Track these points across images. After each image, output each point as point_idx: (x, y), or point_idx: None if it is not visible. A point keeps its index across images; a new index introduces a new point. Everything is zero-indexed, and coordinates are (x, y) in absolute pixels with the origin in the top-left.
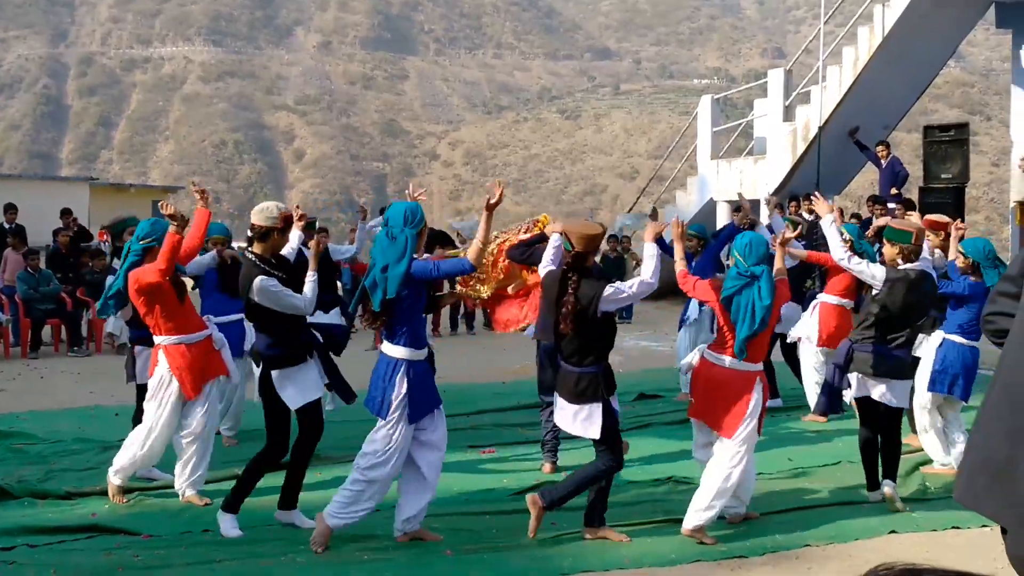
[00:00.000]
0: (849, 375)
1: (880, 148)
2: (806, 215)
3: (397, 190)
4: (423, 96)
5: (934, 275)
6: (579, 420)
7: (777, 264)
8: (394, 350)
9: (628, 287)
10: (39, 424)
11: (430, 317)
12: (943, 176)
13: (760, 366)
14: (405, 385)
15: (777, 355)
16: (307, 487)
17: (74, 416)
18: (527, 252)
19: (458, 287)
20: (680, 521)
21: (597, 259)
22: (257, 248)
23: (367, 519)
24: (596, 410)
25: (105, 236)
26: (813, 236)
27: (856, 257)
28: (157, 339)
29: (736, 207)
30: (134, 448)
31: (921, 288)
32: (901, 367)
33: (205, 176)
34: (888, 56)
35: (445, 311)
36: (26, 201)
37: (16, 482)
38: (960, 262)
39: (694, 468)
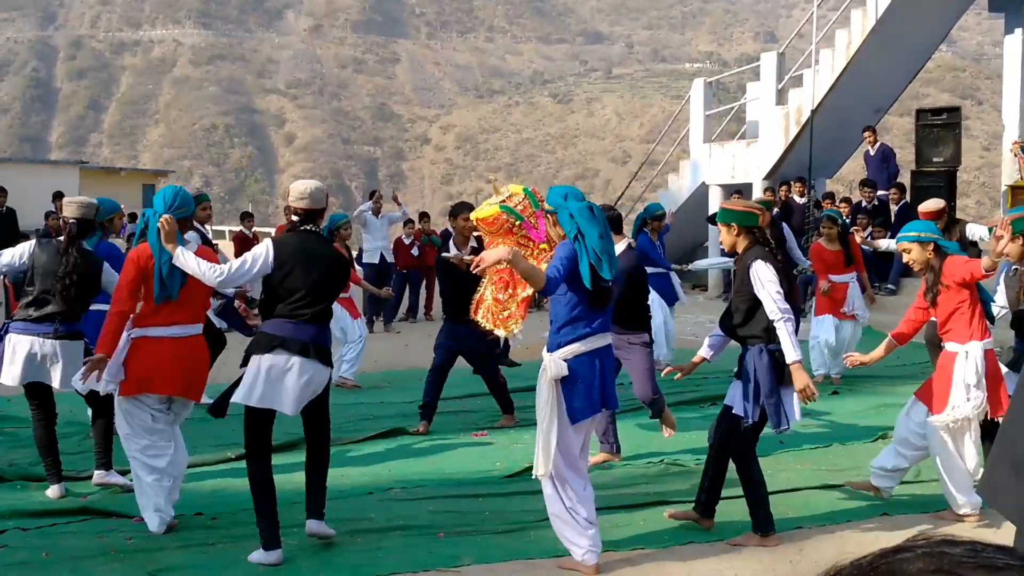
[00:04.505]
0: None
1: (867, 134)
2: (797, 198)
3: (388, 174)
4: (414, 80)
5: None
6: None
7: None
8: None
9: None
10: None
11: (423, 298)
12: (935, 160)
13: None
14: None
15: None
16: (285, 469)
17: (64, 399)
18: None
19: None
20: (671, 503)
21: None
22: None
23: (359, 503)
24: None
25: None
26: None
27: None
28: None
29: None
30: None
31: None
32: None
33: (196, 160)
34: (881, 40)
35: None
36: (16, 185)
37: (7, 466)
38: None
39: (686, 451)
